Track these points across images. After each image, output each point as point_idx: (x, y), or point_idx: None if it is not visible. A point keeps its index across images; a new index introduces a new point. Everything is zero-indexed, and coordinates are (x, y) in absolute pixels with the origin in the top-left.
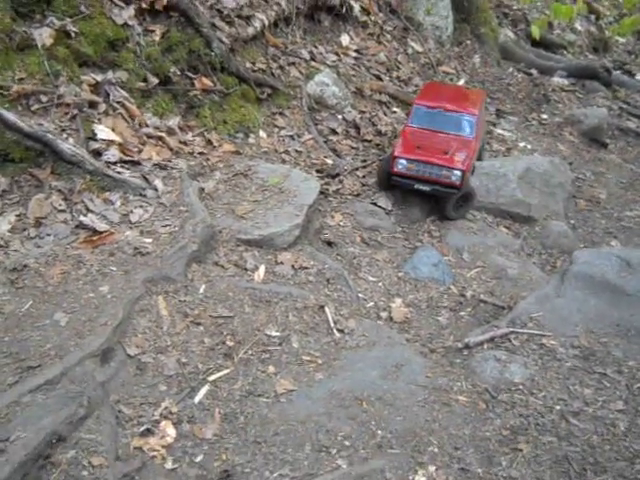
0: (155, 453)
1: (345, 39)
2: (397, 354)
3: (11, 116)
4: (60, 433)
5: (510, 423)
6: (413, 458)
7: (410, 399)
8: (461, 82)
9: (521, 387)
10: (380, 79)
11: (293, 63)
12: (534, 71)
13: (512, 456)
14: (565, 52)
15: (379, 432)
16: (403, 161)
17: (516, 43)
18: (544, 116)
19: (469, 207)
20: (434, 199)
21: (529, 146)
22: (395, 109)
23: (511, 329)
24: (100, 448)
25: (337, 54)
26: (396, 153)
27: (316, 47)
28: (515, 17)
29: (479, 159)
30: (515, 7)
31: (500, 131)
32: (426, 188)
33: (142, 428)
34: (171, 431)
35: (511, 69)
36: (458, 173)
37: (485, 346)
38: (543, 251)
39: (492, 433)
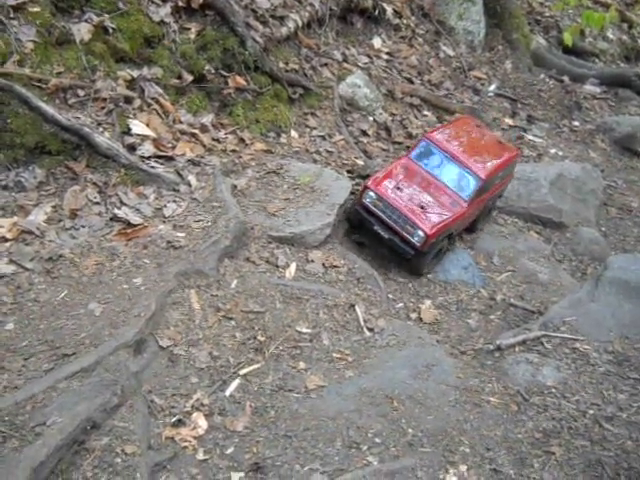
0: (186, 444)
1: (377, 41)
2: (428, 354)
3: (49, 109)
4: (94, 420)
5: (542, 426)
6: (444, 457)
7: (441, 399)
8: (492, 87)
9: (554, 390)
10: (411, 82)
11: (325, 64)
12: (566, 78)
13: (544, 459)
14: (597, 60)
15: (410, 430)
16: (372, 194)
17: (548, 50)
18: (575, 123)
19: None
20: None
21: (560, 153)
22: (426, 112)
23: (544, 332)
24: (133, 437)
25: (369, 56)
26: (369, 183)
27: (348, 49)
28: (547, 24)
29: (470, 227)
30: (547, 14)
31: (531, 137)
32: (384, 235)
33: (174, 419)
34: (202, 422)
35: (542, 75)
36: (421, 234)
37: (517, 349)
38: (574, 257)
39: (524, 435)
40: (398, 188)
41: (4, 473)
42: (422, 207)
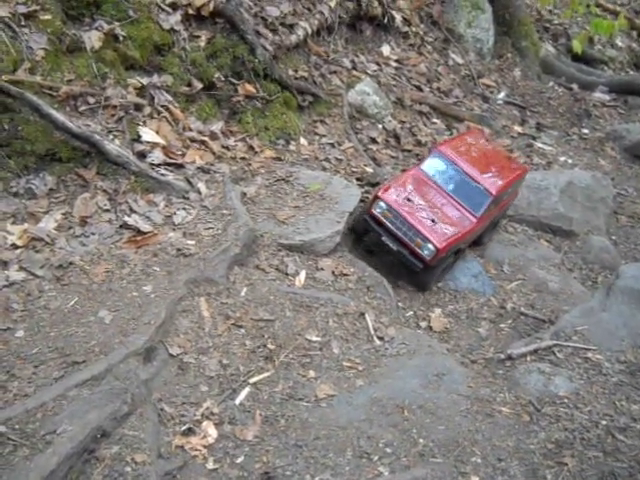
0: (197, 453)
1: (386, 49)
2: (438, 363)
3: (60, 116)
4: (104, 428)
5: (555, 436)
6: (456, 468)
7: (452, 408)
8: (501, 95)
9: (566, 401)
10: (420, 90)
11: (335, 72)
12: (575, 86)
13: (557, 470)
14: (606, 68)
15: (421, 440)
16: (383, 205)
17: (557, 57)
18: (585, 131)
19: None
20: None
21: (570, 160)
22: (435, 120)
23: (555, 342)
24: (143, 445)
25: (378, 64)
26: (380, 193)
27: (357, 56)
28: (556, 31)
29: (477, 241)
30: (556, 22)
31: (540, 145)
32: (393, 246)
33: (184, 427)
34: (212, 431)
35: (552, 83)
36: (431, 248)
37: (528, 358)
38: (584, 266)
39: (536, 446)
40: (409, 199)
41: None
42: (433, 220)
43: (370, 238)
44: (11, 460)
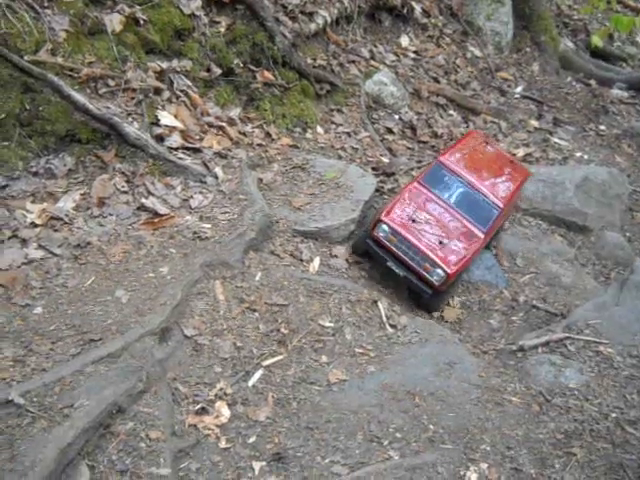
0: (209, 432)
1: (405, 40)
2: (450, 352)
3: (80, 98)
4: (120, 404)
5: (564, 427)
6: (465, 454)
7: (463, 397)
8: (518, 89)
9: (576, 392)
10: (438, 81)
11: (353, 61)
12: (593, 82)
13: (566, 460)
14: (625, 64)
15: (431, 427)
16: (386, 228)
17: (576, 53)
18: (602, 127)
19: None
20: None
21: (586, 156)
22: (452, 112)
23: (567, 334)
24: (157, 422)
25: (396, 54)
26: (382, 216)
27: (376, 46)
28: (575, 27)
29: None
30: (576, 17)
31: (557, 140)
32: (399, 272)
33: (197, 407)
34: (225, 411)
35: (570, 79)
36: (441, 273)
37: (540, 350)
38: (597, 261)
39: (546, 436)
40: (413, 220)
41: (33, 452)
42: (441, 242)
43: (373, 262)
44: (30, 431)
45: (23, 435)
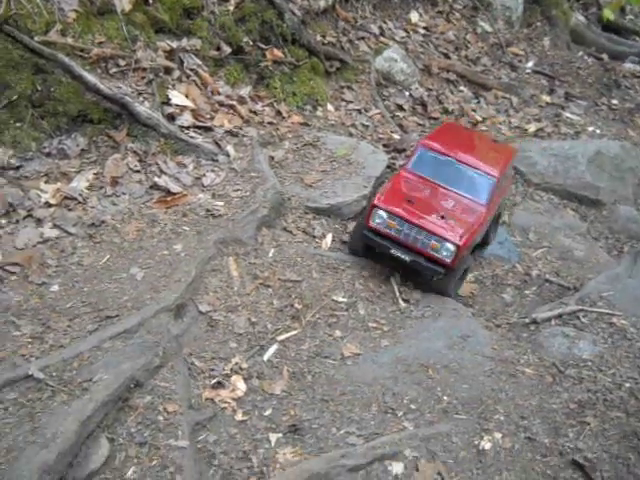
0: (226, 405)
1: (414, 16)
2: (463, 326)
3: (92, 78)
4: (138, 379)
5: (578, 397)
6: (479, 424)
7: (476, 369)
8: (530, 64)
9: (589, 363)
10: (448, 57)
11: (362, 38)
12: (605, 56)
13: (579, 429)
14: (637, 38)
15: (445, 398)
16: (383, 214)
17: (587, 27)
18: (614, 101)
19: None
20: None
21: (598, 131)
22: (462, 88)
23: (580, 307)
24: (174, 396)
25: (406, 30)
26: (376, 201)
27: (385, 22)
28: (587, 1)
29: (484, 240)
30: None
31: (569, 114)
32: (405, 257)
33: (213, 381)
34: (241, 385)
35: (581, 53)
36: (451, 248)
37: (553, 322)
38: (610, 235)
39: (559, 406)
40: (409, 201)
41: (55, 425)
42: (442, 217)
43: (376, 258)
44: (50, 405)
45: (44, 408)
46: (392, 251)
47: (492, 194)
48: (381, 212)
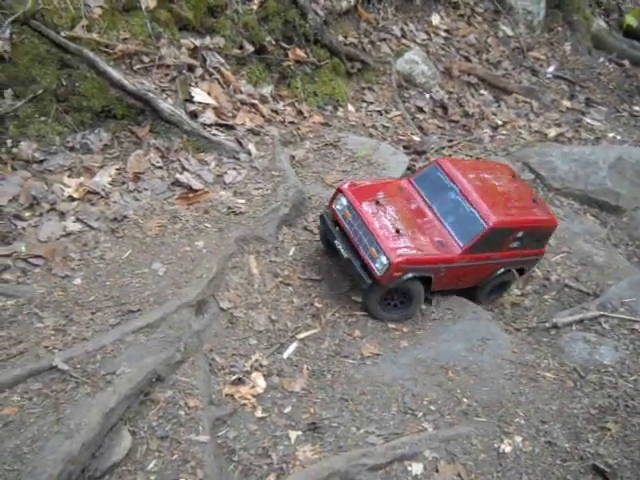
0: (246, 401)
1: (436, 18)
2: (482, 329)
3: (116, 74)
4: (159, 373)
5: (599, 403)
6: (499, 427)
7: (496, 372)
8: (551, 69)
9: (611, 369)
10: (469, 60)
11: (384, 39)
12: (626, 62)
13: (600, 434)
14: None
15: (465, 400)
16: (344, 201)
17: (608, 33)
18: (636, 108)
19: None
20: None
21: (619, 137)
22: (483, 91)
23: (602, 312)
24: (195, 391)
25: (427, 33)
26: (343, 187)
27: (407, 24)
28: (608, 6)
29: (470, 293)
30: None
31: (589, 120)
32: (344, 253)
33: (234, 377)
34: (261, 382)
35: (602, 59)
36: (384, 261)
37: (574, 327)
38: (630, 242)
39: (580, 411)
40: (377, 202)
41: (78, 416)
42: (397, 231)
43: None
44: (74, 396)
45: (68, 399)
46: (336, 241)
47: (478, 242)
48: (343, 199)
